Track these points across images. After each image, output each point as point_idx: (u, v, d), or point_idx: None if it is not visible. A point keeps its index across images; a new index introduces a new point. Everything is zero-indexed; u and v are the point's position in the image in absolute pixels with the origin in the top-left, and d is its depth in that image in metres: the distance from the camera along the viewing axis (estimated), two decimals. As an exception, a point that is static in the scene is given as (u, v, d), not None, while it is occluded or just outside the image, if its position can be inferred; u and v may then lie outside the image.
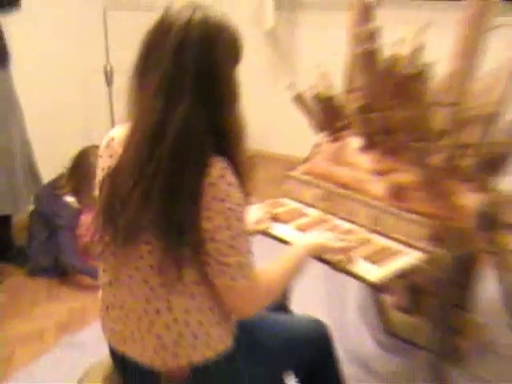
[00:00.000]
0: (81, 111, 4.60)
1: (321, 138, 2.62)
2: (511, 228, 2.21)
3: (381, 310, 3.08)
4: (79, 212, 3.77)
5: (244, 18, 5.03)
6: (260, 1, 4.93)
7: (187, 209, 1.70)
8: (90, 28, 4.41)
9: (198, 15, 1.72)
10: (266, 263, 1.93)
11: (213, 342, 1.85)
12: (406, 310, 3.11)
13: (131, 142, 1.75)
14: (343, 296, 2.72)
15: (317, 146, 2.62)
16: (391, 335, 3.10)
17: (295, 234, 2.32)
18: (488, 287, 2.96)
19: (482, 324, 3.05)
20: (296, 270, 1.99)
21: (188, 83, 1.70)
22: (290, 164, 2.68)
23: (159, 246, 1.73)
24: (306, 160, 2.62)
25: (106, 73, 4.40)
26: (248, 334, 1.96)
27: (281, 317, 2.20)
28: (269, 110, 5.07)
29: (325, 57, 2.91)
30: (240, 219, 1.75)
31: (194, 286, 1.80)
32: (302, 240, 2.15)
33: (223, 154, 1.75)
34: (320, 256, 2.10)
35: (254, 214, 2.36)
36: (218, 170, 1.72)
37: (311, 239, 2.13)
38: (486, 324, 3.07)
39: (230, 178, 1.73)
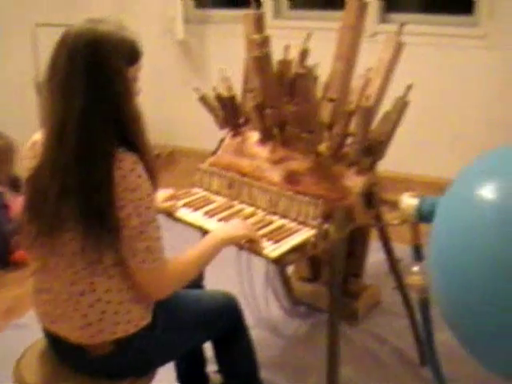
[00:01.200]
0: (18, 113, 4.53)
1: (225, 133, 2.61)
2: (389, 204, 2.24)
3: (285, 281, 3.10)
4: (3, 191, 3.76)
5: (157, 30, 5.01)
6: (172, 15, 4.90)
7: (102, 200, 1.68)
8: (24, 44, 4.35)
9: (90, 25, 1.70)
10: (179, 248, 1.91)
11: (133, 318, 1.83)
12: (306, 279, 3.14)
13: (44, 143, 1.73)
14: (251, 271, 2.72)
15: (221, 140, 2.61)
16: (295, 302, 3.13)
17: (204, 219, 2.30)
18: (375, 255, 3.02)
19: (372, 287, 3.11)
20: (207, 258, 1.96)
21: (81, 84, 1.66)
22: (202, 157, 2.66)
23: (80, 233, 1.70)
24: (213, 153, 2.61)
25: (36, 84, 4.32)
26: (165, 308, 1.94)
27: (195, 292, 2.19)
28: (183, 110, 5.03)
29: (228, 62, 2.89)
30: (149, 208, 1.73)
31: (113, 268, 1.77)
32: (214, 230, 2.09)
33: (133, 150, 1.73)
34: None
35: (160, 196, 2.31)
36: (130, 164, 1.70)
37: (222, 232, 2.06)
38: (376, 286, 3.13)
39: (140, 171, 1.71)
